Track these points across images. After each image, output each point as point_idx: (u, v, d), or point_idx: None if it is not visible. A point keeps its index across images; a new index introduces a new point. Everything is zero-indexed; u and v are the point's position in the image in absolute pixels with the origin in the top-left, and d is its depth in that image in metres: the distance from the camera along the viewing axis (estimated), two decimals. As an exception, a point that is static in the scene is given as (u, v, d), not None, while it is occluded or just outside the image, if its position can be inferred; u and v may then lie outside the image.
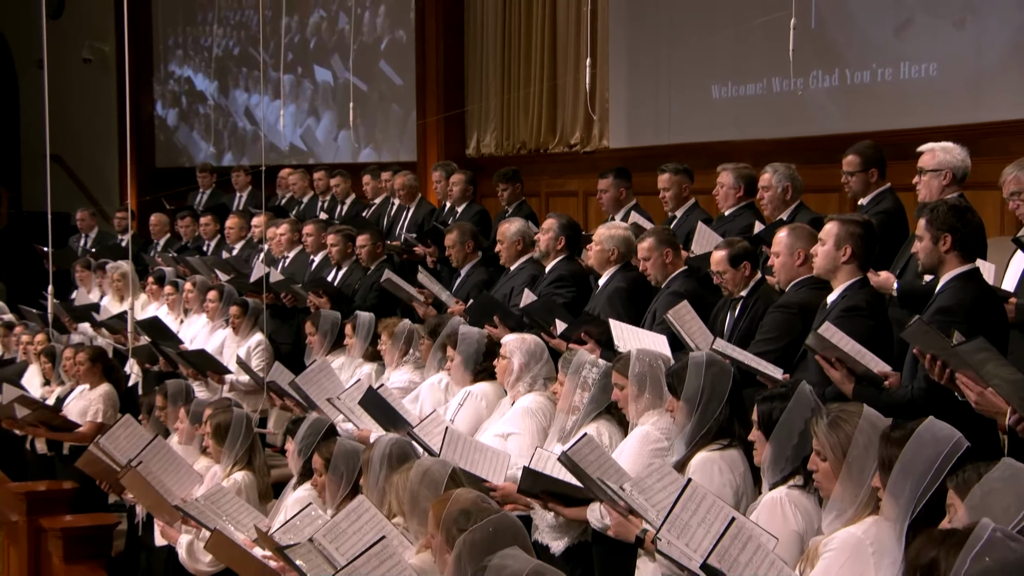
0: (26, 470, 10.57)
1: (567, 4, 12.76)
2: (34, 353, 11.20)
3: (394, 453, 5.19)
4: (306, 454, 5.96)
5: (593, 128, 12.54)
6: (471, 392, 6.62)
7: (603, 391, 5.64)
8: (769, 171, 7.47)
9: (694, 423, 4.88)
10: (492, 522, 3.82)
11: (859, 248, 5.57)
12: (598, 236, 7.34)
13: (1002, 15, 8.65)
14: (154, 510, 6.69)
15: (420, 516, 4.68)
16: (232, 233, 13.07)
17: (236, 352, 9.82)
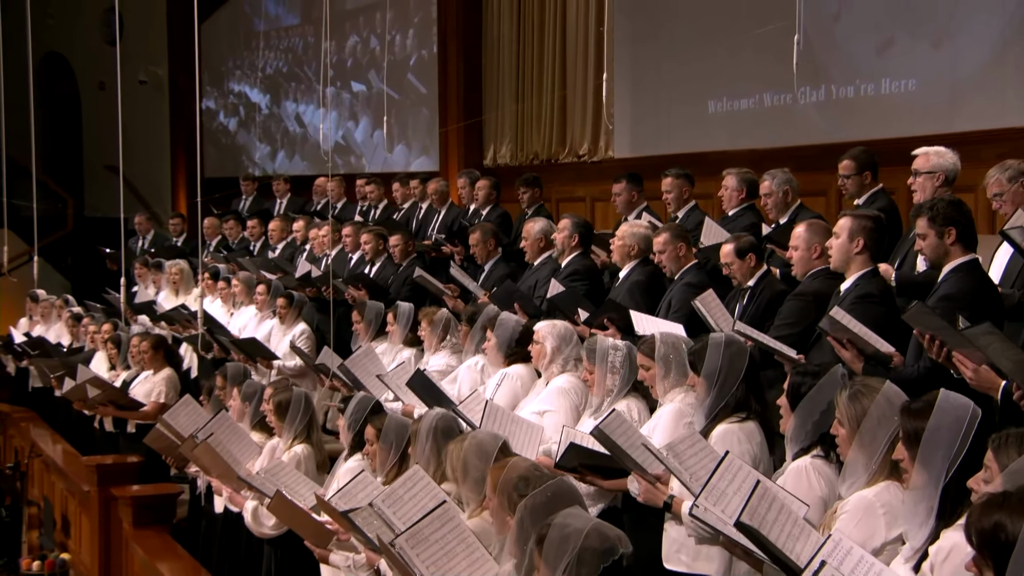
0: (94, 446, 10.49)
1: (576, 27, 12.66)
2: (101, 341, 11.09)
3: (439, 426, 5.06)
4: (355, 428, 5.84)
5: (600, 140, 12.43)
6: (507, 373, 6.51)
7: (630, 371, 5.54)
8: (768, 178, 7.37)
9: (713, 397, 4.77)
10: (550, 487, 3.69)
11: (870, 240, 5.46)
12: (620, 233, 7.24)
13: (976, 35, 8.52)
14: (222, 479, 6.57)
15: (471, 483, 4.57)
16: (275, 235, 13.00)
17: (282, 340, 9.73)
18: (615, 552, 3.26)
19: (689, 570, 4.72)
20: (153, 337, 10.00)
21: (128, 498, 8.02)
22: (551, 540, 3.29)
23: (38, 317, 13.83)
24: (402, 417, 5.63)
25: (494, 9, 14.00)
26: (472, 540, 4.28)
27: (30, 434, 11.56)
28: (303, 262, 11.26)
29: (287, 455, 6.24)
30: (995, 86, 8.38)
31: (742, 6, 10.44)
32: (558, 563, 3.26)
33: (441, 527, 4.25)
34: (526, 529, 3.61)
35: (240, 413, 7.13)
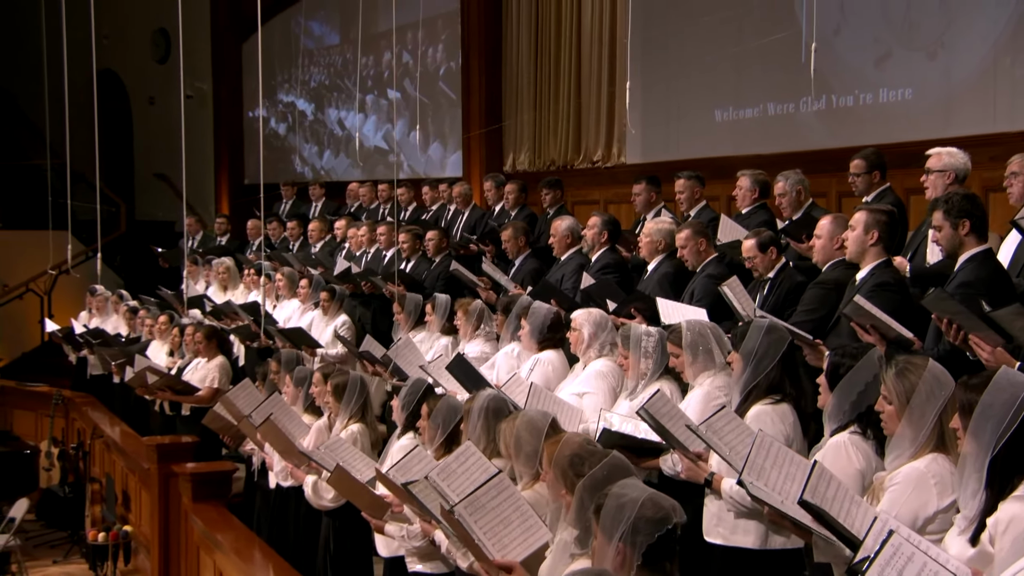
0: (149, 429, 10.42)
1: (590, 41, 12.54)
2: (159, 331, 11.03)
3: (491, 407, 4.96)
4: (408, 409, 5.74)
5: (613, 146, 12.33)
6: (539, 359, 6.44)
7: (662, 355, 5.44)
8: (781, 180, 7.27)
9: (747, 375, 4.66)
10: (606, 465, 3.58)
11: (884, 232, 5.35)
12: (647, 230, 7.16)
13: (968, 47, 8.42)
14: (285, 455, 6.46)
15: (524, 458, 4.47)
16: (314, 234, 12.93)
17: (325, 330, 9.64)
18: (669, 521, 3.16)
19: (727, 542, 4.62)
20: (207, 327, 9.94)
21: (187, 474, 7.93)
22: (608, 509, 3.18)
23: (96, 311, 13.75)
24: (454, 399, 5.51)
25: (513, 25, 13.89)
26: (526, 509, 4.19)
27: (91, 417, 11.49)
28: (341, 259, 11.18)
29: (344, 433, 6.16)
30: (987, 94, 8.28)
31: (747, 22, 10.36)
32: (614, 531, 3.15)
33: (497, 496, 4.16)
34: (586, 504, 3.51)
35: (293, 396, 7.04)
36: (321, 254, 12.25)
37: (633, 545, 3.10)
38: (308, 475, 6.27)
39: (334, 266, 11.12)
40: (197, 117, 19.41)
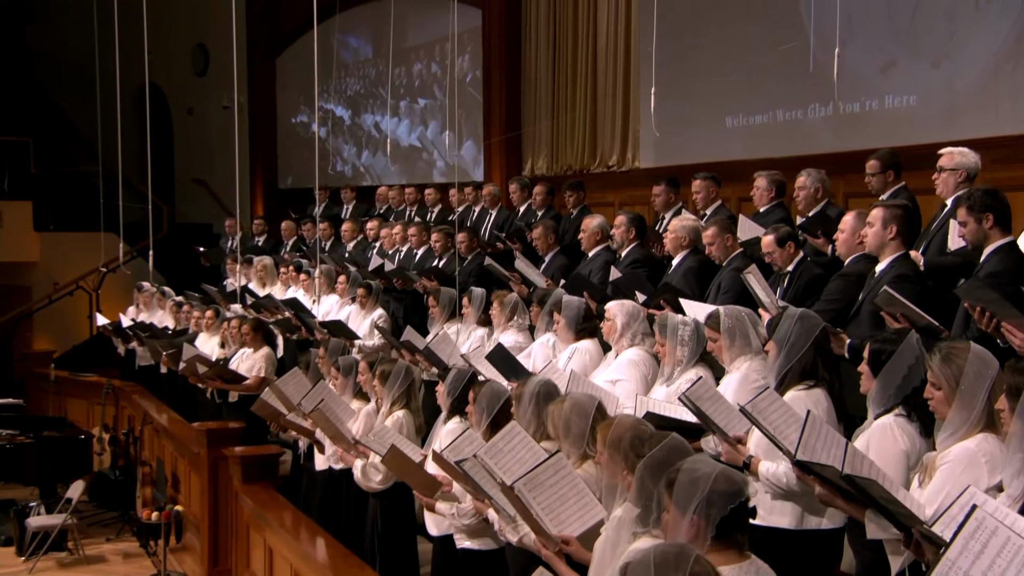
0: (195, 416, 10.34)
1: (605, 52, 12.43)
2: (206, 324, 10.95)
3: (541, 392, 4.84)
4: (454, 395, 5.62)
5: (627, 151, 12.21)
6: (577, 348, 6.33)
7: (697, 343, 5.33)
8: (804, 175, 7.14)
9: (781, 360, 4.53)
10: (666, 446, 3.47)
11: (902, 226, 5.27)
12: (672, 227, 7.05)
13: (971, 55, 8.27)
14: (335, 440, 6.34)
15: (573, 438, 4.37)
16: (347, 235, 12.87)
17: (362, 323, 9.54)
18: (742, 494, 3.06)
19: (764, 523, 4.48)
20: (253, 320, 9.85)
21: (238, 457, 7.84)
22: (681, 483, 3.07)
23: (143, 306, 13.68)
24: (497, 384, 5.40)
25: (532, 38, 13.78)
26: (582, 486, 4.10)
27: (141, 405, 11.40)
28: (375, 257, 11.09)
29: (390, 420, 6.04)
30: (989, 99, 8.14)
31: (757, 34, 10.20)
32: (688, 504, 3.05)
33: (555, 474, 4.08)
34: (647, 484, 3.41)
35: (342, 384, 6.94)
36: (354, 252, 12.18)
37: (707, 518, 3.01)
38: (357, 459, 6.16)
39: (367, 264, 11.03)
40: (233, 126, 19.37)
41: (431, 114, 15.22)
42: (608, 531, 3.76)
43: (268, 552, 7.16)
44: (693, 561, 2.57)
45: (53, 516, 10.45)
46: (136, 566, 10.20)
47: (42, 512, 10.52)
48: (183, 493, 9.85)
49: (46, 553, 10.25)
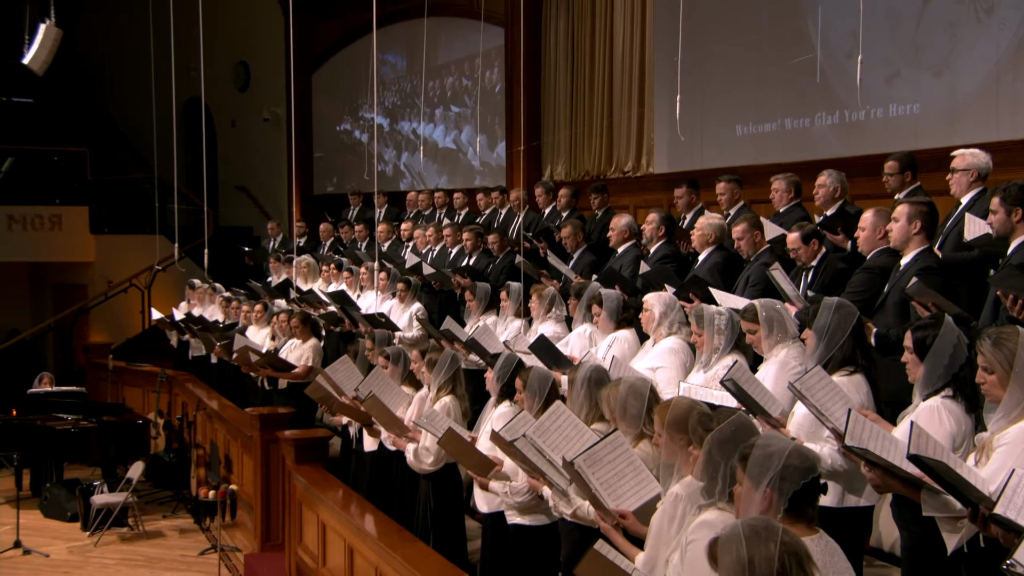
0: (244, 403, 10.24)
1: (621, 66, 12.30)
2: (255, 318, 10.83)
3: (592, 377, 4.71)
4: (502, 380, 5.48)
5: (642, 158, 12.07)
6: (616, 337, 6.19)
7: (732, 331, 5.19)
8: (826, 174, 6.97)
9: (821, 348, 4.37)
10: (733, 422, 3.34)
11: (926, 222, 5.13)
12: (699, 225, 6.90)
13: (972, 66, 8.12)
14: (387, 425, 6.21)
15: (629, 419, 4.25)
16: (382, 235, 12.71)
17: (401, 316, 9.42)
18: (815, 470, 2.93)
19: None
20: (302, 313, 9.74)
21: (291, 440, 7.74)
22: (755, 458, 2.95)
23: (195, 301, 13.58)
24: (544, 369, 5.27)
25: (551, 54, 13.65)
26: (639, 463, 3.99)
27: (195, 392, 11.30)
28: (410, 255, 10.96)
29: (438, 404, 5.91)
30: (990, 106, 7.97)
31: (767, 47, 10.06)
32: (762, 478, 2.93)
33: (613, 451, 3.96)
34: (715, 458, 3.28)
35: (391, 371, 6.81)
36: (389, 252, 12.05)
37: (780, 491, 2.89)
38: (409, 443, 6.03)
39: (402, 262, 10.90)
40: (272, 137, 19.32)
41: (464, 119, 15.11)
42: (666, 506, 3.64)
43: (321, 528, 7.04)
44: (782, 532, 2.44)
45: (115, 494, 10.37)
46: (191, 541, 10.12)
47: (105, 491, 10.45)
48: (235, 473, 9.75)
49: (109, 528, 10.18)
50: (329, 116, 18.42)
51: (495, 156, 14.64)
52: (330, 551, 6.94)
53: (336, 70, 18.18)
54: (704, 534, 3.23)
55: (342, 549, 6.57)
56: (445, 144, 15.53)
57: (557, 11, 13.51)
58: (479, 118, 13.76)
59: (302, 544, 7.55)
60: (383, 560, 5.88)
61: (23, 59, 10.14)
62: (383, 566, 5.85)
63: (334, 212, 16.13)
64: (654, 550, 3.62)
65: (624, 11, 12.23)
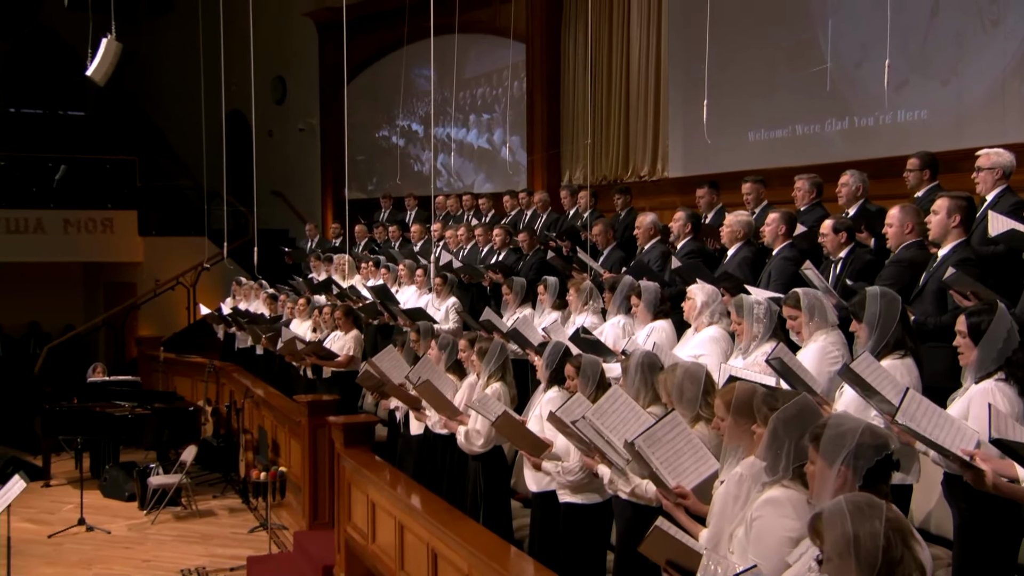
0: (291, 391, 10.10)
1: (637, 76, 12.14)
2: (299, 311, 10.70)
3: (645, 362, 4.56)
4: (551, 367, 5.33)
5: (657, 163, 11.91)
6: (655, 327, 6.02)
7: (770, 320, 5.04)
8: (848, 174, 6.77)
9: (875, 338, 4.20)
10: (798, 402, 3.19)
11: (965, 216, 4.95)
12: (729, 221, 6.73)
13: (979, 74, 7.93)
14: (439, 409, 6.06)
15: (686, 402, 4.10)
16: (415, 236, 12.59)
17: (438, 309, 9.27)
18: (887, 447, 2.78)
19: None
20: (344, 306, 9.60)
21: (340, 424, 7.58)
22: (828, 437, 2.80)
23: (240, 296, 13.46)
24: (593, 356, 5.12)
25: (569, 66, 13.52)
26: (696, 442, 3.84)
27: (243, 382, 11.17)
28: (444, 254, 10.81)
29: (489, 390, 5.76)
30: (996, 111, 7.78)
31: (778, 57, 9.89)
32: (836, 456, 2.78)
33: (671, 431, 3.81)
34: (779, 437, 3.13)
35: (436, 358, 6.66)
36: (422, 251, 11.91)
37: (854, 468, 2.74)
38: (460, 425, 5.88)
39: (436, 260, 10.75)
40: (307, 146, 19.19)
41: (495, 123, 14.97)
42: (730, 485, 3.49)
43: (371, 507, 6.90)
44: (886, 508, 2.30)
45: (170, 476, 10.25)
46: (240, 519, 10.00)
47: (160, 472, 10.33)
48: (283, 457, 9.60)
49: (164, 507, 10.05)
50: (368, 124, 18.23)
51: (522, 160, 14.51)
52: (379, 529, 6.80)
53: (369, 83, 18.04)
54: (769, 511, 3.10)
55: (392, 527, 6.42)
56: (480, 145, 15.39)
57: (576, 26, 13.36)
58: (508, 124, 13.62)
59: (351, 522, 7.40)
60: (434, 536, 5.73)
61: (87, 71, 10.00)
62: (435, 542, 5.71)
63: (366, 215, 16.00)
64: (717, 527, 3.47)
65: (640, 25, 12.07)
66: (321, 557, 7.80)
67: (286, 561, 8.33)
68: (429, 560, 5.80)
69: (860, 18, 8.86)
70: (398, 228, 13.36)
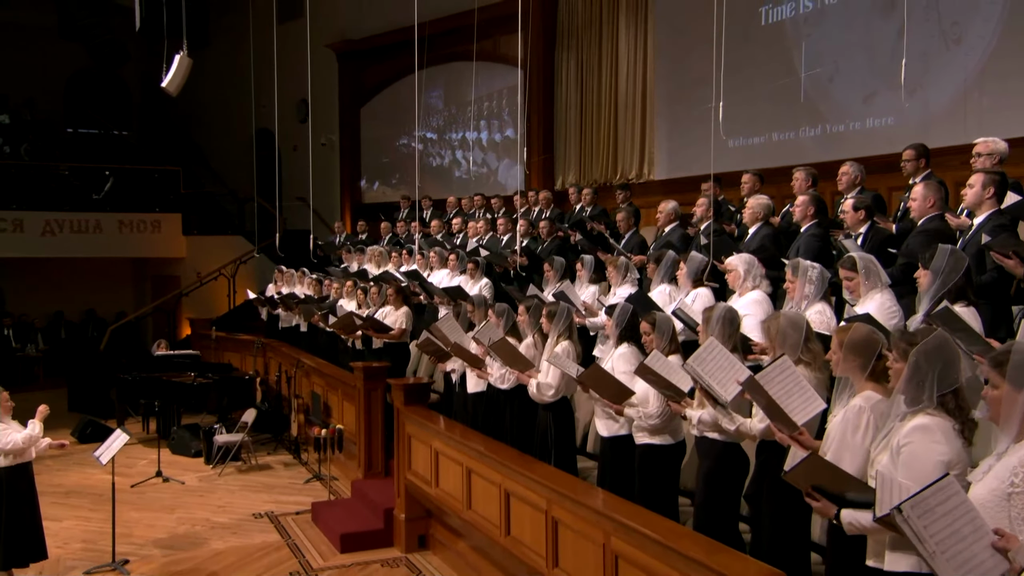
0: (338, 361, 9.65)
1: (626, 89, 11.83)
2: (346, 292, 10.22)
3: (726, 316, 4.23)
4: (621, 325, 4.98)
5: (644, 167, 11.61)
6: (698, 293, 5.69)
7: (821, 282, 4.73)
8: (848, 165, 6.52)
9: (937, 285, 3.94)
10: (937, 336, 2.87)
11: (999, 188, 4.69)
12: (750, 204, 6.42)
13: (942, 86, 7.76)
14: (511, 364, 5.64)
15: (789, 347, 3.75)
16: (435, 229, 12.15)
17: (472, 288, 8.86)
18: None
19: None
20: (395, 284, 9.13)
21: (401, 386, 7.17)
22: (1015, 363, 2.50)
23: (283, 283, 12.92)
24: (665, 314, 4.77)
25: (563, 85, 13.17)
26: (804, 382, 3.51)
27: (291, 355, 10.67)
28: (471, 241, 10.39)
29: (559, 347, 5.37)
30: (958, 116, 7.61)
31: (756, 72, 9.61)
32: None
33: (781, 373, 3.48)
34: (922, 368, 2.81)
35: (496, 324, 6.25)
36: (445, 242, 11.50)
37: None
38: (532, 379, 5.50)
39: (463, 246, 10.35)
40: (328, 158, 18.68)
41: (501, 129, 14.52)
42: (849, 416, 3.17)
43: (434, 456, 6.50)
44: None
45: (233, 435, 9.73)
46: (294, 472, 9.52)
47: (223, 432, 9.79)
48: (334, 418, 9.14)
49: (228, 462, 9.54)
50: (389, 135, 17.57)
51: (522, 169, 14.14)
52: (443, 475, 6.40)
53: (388, 101, 17.57)
54: (919, 437, 2.78)
55: (460, 472, 6.04)
56: (491, 139, 14.93)
57: (568, 53, 13.02)
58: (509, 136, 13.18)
59: (411, 470, 6.99)
60: (507, 478, 5.37)
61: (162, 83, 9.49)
62: (508, 483, 5.35)
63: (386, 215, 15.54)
64: (836, 455, 3.15)
65: (628, 47, 11.76)
66: (381, 501, 7.38)
67: (347, 505, 7.90)
68: (501, 499, 5.43)
69: (832, 40, 8.64)
70: (419, 224, 12.91)
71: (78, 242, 16.48)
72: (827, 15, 8.74)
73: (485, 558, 6.04)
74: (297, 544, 7.18)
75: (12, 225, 15.92)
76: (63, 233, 16.41)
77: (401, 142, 17.34)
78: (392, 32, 16.23)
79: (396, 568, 6.64)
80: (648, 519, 4.07)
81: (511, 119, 13.88)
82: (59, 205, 16.55)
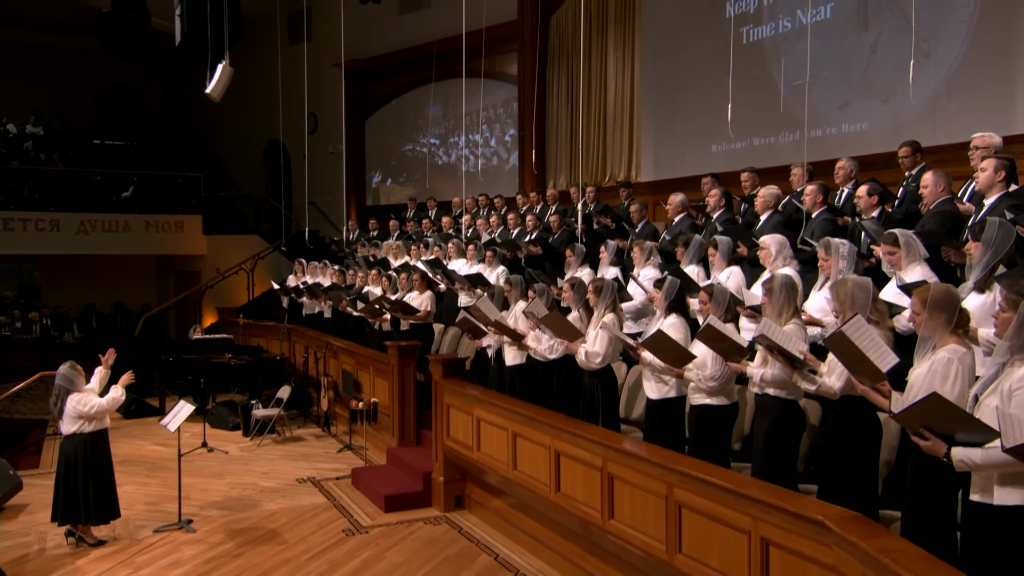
0: (364, 343, 9.26)
1: (614, 99, 11.63)
2: (371, 279, 9.84)
3: (787, 283, 4.02)
4: (669, 298, 4.75)
5: (631, 169, 11.42)
6: (731, 271, 5.49)
7: (851, 260, 4.55)
8: (845, 159, 6.36)
9: (989, 255, 3.75)
10: None
11: (1009, 173, 4.54)
12: (762, 194, 6.23)
13: (914, 94, 7.65)
14: (561, 335, 5.34)
15: (858, 308, 3.53)
16: (445, 226, 11.80)
17: (490, 276, 8.57)
18: None
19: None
20: (420, 271, 8.79)
21: (439, 361, 6.86)
22: None
23: (305, 274, 12.45)
24: (721, 285, 4.55)
25: (554, 97, 12.94)
26: (878, 339, 3.31)
27: (318, 338, 10.25)
28: (484, 234, 10.08)
29: (607, 318, 5.13)
30: (927, 120, 7.55)
31: (738, 82, 9.46)
32: None
33: (857, 330, 3.26)
34: None
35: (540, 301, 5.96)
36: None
37: None
38: (580, 348, 5.24)
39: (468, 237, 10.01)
40: (335, 166, 18.21)
41: (504, 131, 14.18)
42: (937, 367, 2.99)
43: (475, 423, 6.21)
44: None
45: (269, 409, 9.31)
46: (326, 443, 9.14)
47: (260, 407, 9.37)
48: (366, 392, 8.78)
49: (264, 435, 9.12)
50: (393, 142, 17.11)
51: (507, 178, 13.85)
52: (485, 439, 6.11)
53: (393, 113, 17.17)
54: (1032, 381, 2.59)
55: (504, 437, 5.76)
56: (493, 138, 14.57)
57: (559, 68, 12.80)
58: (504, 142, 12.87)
59: (450, 437, 6.70)
60: (558, 440, 5.11)
61: (206, 90, 9.05)
62: (559, 444, 5.09)
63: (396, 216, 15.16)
64: (923, 404, 2.95)
65: (616, 60, 11.57)
66: (420, 466, 7.08)
67: (384, 471, 7.56)
68: (552, 460, 5.17)
69: (809, 55, 8.55)
70: (429, 221, 12.55)
71: (109, 240, 16.06)
72: (804, 34, 8.64)
73: (526, 513, 5.78)
74: (343, 505, 6.84)
75: (50, 225, 15.50)
76: (95, 232, 15.94)
77: (406, 148, 16.95)
78: (394, 52, 15.96)
79: (438, 525, 6.35)
80: (714, 470, 3.85)
81: (506, 127, 13.60)
82: (92, 207, 16.12)
